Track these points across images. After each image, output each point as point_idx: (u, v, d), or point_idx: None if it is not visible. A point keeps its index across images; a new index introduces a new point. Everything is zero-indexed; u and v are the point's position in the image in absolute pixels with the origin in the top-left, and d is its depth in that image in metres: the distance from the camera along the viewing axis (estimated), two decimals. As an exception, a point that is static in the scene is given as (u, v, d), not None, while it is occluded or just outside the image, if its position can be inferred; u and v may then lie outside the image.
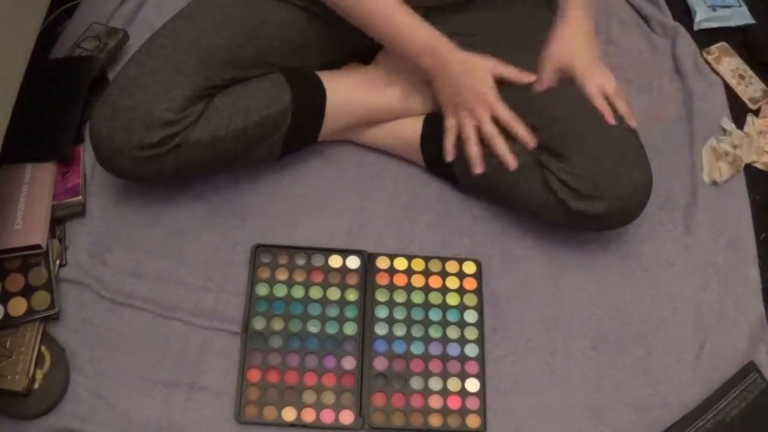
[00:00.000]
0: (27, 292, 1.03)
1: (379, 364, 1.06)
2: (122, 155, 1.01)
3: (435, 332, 1.09)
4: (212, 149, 1.05)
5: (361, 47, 1.19)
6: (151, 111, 0.99)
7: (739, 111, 1.36)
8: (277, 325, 1.07)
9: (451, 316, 1.10)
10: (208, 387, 1.03)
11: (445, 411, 1.04)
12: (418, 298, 1.11)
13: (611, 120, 1.03)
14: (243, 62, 1.08)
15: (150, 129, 0.99)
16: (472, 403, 1.04)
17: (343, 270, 1.12)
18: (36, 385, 0.99)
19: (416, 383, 1.05)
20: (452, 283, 1.13)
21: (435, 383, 1.05)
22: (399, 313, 1.10)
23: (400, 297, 1.11)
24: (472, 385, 1.05)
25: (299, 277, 1.11)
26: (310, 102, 1.12)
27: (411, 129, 1.17)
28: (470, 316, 1.10)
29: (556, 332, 1.11)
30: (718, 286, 1.17)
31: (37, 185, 1.10)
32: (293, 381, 1.04)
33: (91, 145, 1.03)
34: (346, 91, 1.14)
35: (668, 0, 1.47)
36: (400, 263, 1.14)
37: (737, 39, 1.45)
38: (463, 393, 1.05)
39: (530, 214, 1.13)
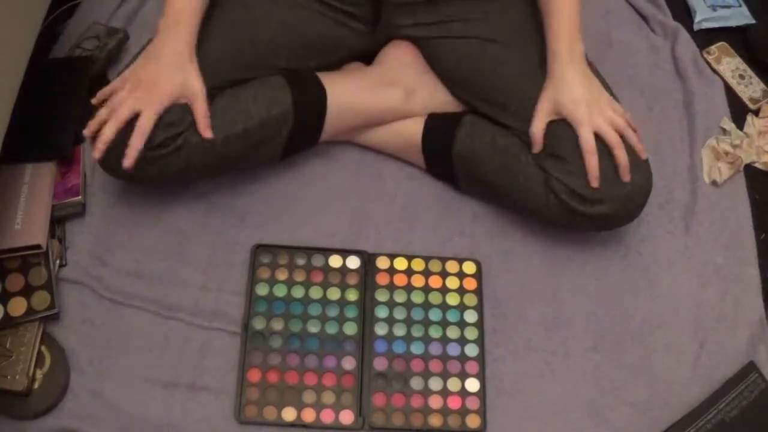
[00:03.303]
0: (27, 292, 1.03)
1: (379, 364, 1.06)
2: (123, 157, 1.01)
3: (435, 332, 1.09)
4: (213, 151, 1.05)
5: (361, 48, 1.19)
6: None
7: (739, 111, 1.36)
8: (277, 325, 1.07)
9: (451, 316, 1.10)
10: (208, 387, 1.03)
11: (445, 411, 1.04)
12: (418, 298, 1.11)
13: (593, 177, 1.02)
14: (243, 64, 1.08)
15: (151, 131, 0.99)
16: (472, 403, 1.04)
17: (343, 270, 1.12)
18: (36, 385, 0.99)
19: (416, 383, 1.05)
20: (452, 283, 1.13)
21: (435, 383, 1.05)
22: (399, 313, 1.10)
23: (400, 297, 1.11)
24: (472, 385, 1.05)
25: (299, 277, 1.11)
26: (312, 104, 1.12)
27: (411, 130, 1.17)
28: (470, 316, 1.10)
29: (556, 332, 1.11)
30: (718, 286, 1.17)
31: (37, 185, 1.10)
32: (293, 381, 1.04)
33: (91, 148, 1.03)
34: (347, 93, 1.14)
35: (668, 0, 1.47)
36: (400, 263, 1.14)
37: (737, 39, 1.45)
38: (463, 393, 1.05)
39: (529, 215, 1.13)
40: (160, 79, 1.00)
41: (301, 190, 1.19)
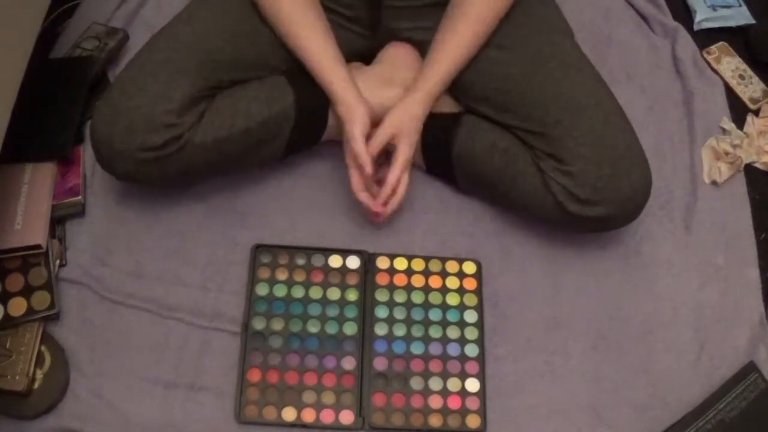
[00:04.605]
0: (27, 292, 1.03)
1: (379, 364, 1.06)
2: (123, 157, 1.01)
3: (435, 332, 1.09)
4: (216, 151, 1.05)
5: (360, 49, 1.19)
6: (151, 113, 0.99)
7: (739, 111, 1.36)
8: (277, 325, 1.07)
9: (451, 316, 1.10)
10: (208, 387, 1.03)
11: (445, 411, 1.04)
12: (418, 298, 1.11)
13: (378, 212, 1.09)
14: (243, 64, 1.08)
15: (151, 131, 0.99)
16: (472, 403, 1.04)
17: (343, 270, 1.12)
18: (36, 385, 0.99)
19: (416, 383, 1.05)
20: (452, 283, 1.13)
21: (435, 383, 1.05)
22: (399, 313, 1.10)
23: (400, 297, 1.11)
24: (472, 385, 1.05)
25: (299, 277, 1.11)
26: (313, 101, 1.11)
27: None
28: (470, 316, 1.10)
29: (556, 332, 1.11)
30: (718, 286, 1.17)
31: (37, 185, 1.10)
32: (293, 381, 1.04)
33: (92, 147, 1.04)
34: None
35: (668, 0, 1.47)
36: (400, 263, 1.14)
37: (737, 39, 1.45)
38: (463, 393, 1.05)
39: (529, 216, 1.13)
40: None
41: (302, 190, 1.19)
